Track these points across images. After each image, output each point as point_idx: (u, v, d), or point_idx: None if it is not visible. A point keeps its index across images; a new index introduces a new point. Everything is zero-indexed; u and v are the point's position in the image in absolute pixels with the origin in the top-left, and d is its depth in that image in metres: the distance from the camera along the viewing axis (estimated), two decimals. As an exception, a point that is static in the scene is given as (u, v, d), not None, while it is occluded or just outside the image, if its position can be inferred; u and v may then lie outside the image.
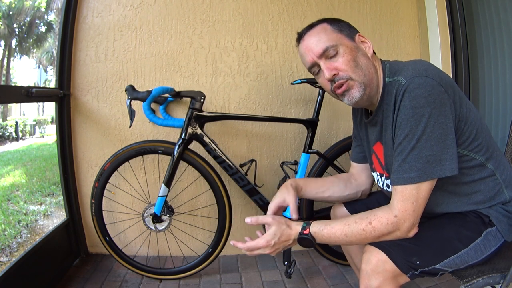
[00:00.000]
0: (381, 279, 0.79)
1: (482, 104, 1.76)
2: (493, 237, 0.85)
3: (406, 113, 0.77)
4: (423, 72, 0.78)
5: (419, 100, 0.76)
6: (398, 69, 0.85)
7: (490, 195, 0.87)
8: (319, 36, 0.88)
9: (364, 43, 0.91)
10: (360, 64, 0.86)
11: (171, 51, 1.76)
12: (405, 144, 0.78)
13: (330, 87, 0.88)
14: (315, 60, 0.88)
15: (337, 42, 0.86)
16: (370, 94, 0.87)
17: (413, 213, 0.78)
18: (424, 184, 0.77)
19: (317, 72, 0.91)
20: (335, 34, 0.87)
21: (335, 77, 0.86)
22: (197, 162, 1.55)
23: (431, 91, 0.75)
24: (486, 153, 0.86)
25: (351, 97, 0.86)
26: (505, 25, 1.59)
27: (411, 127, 0.77)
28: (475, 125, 0.84)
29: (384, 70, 0.89)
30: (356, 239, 0.83)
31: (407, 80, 0.78)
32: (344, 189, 1.09)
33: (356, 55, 0.86)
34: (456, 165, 0.78)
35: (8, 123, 12.40)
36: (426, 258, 0.81)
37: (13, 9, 14.87)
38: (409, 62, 0.86)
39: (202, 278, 1.65)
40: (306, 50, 0.89)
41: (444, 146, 0.76)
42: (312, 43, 0.88)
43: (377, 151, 0.96)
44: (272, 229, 0.87)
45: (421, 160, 0.76)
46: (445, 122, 0.76)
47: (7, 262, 2.33)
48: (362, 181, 1.11)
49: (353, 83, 0.85)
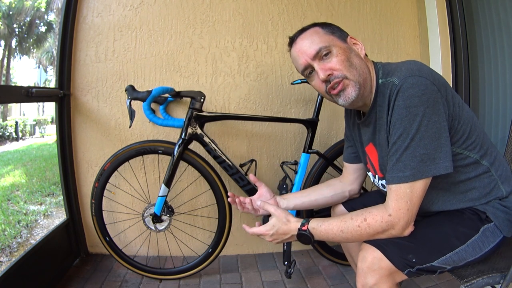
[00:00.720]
0: (377, 277, 0.79)
1: (482, 104, 1.76)
2: (491, 233, 0.85)
3: (400, 112, 0.78)
4: (416, 72, 0.78)
5: (413, 99, 0.76)
6: (391, 70, 0.86)
7: (485, 191, 0.88)
8: (311, 38, 0.88)
9: (356, 45, 0.91)
10: (354, 64, 0.86)
11: (171, 51, 1.76)
12: (399, 143, 0.79)
13: (325, 88, 0.89)
14: (309, 62, 0.88)
15: (329, 43, 0.87)
16: (364, 94, 0.88)
17: (407, 212, 0.79)
18: (418, 183, 0.78)
19: (310, 74, 0.91)
20: (327, 36, 0.88)
21: (330, 77, 0.86)
22: (197, 162, 1.55)
23: (425, 90, 0.76)
24: (481, 150, 0.86)
25: (347, 97, 0.86)
26: (505, 25, 1.59)
27: (405, 126, 0.77)
28: (468, 123, 0.84)
29: (376, 71, 0.89)
30: (352, 235, 0.84)
31: (401, 80, 0.79)
32: (327, 191, 1.13)
33: (349, 56, 0.87)
34: (451, 163, 0.79)
35: (8, 123, 12.40)
36: (422, 256, 0.81)
37: (13, 9, 14.87)
38: (402, 62, 0.86)
39: (202, 278, 1.65)
40: (299, 53, 0.90)
41: (438, 145, 0.77)
42: (305, 46, 0.88)
43: (369, 152, 0.97)
44: (272, 220, 0.94)
45: (416, 159, 0.77)
46: (439, 120, 0.77)
47: (7, 262, 2.33)
48: (348, 181, 1.13)
49: (348, 82, 0.86)
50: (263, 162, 1.85)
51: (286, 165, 1.59)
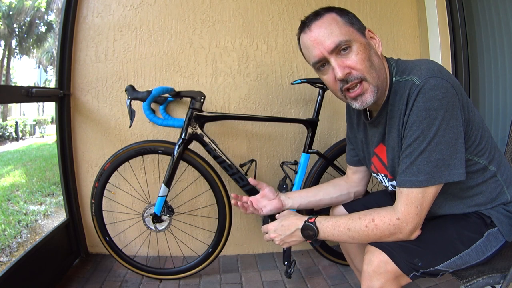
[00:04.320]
0: (383, 280, 0.78)
1: (482, 104, 1.76)
2: (494, 238, 0.85)
3: (419, 114, 0.74)
4: (438, 73, 0.75)
5: (434, 102, 0.73)
6: (407, 68, 0.81)
7: (492, 196, 0.87)
8: (330, 28, 0.79)
9: (373, 39, 0.84)
10: (374, 64, 0.80)
11: (171, 51, 1.76)
12: (415, 146, 0.76)
13: (339, 86, 0.81)
14: (325, 55, 0.79)
15: (350, 37, 0.79)
16: (379, 96, 0.83)
17: (416, 216, 0.77)
18: (430, 188, 0.76)
19: (322, 67, 0.83)
20: (347, 28, 0.80)
21: (348, 76, 0.79)
22: (197, 162, 1.55)
23: (445, 93, 0.73)
24: (489, 155, 0.85)
25: (364, 103, 0.81)
26: (505, 25, 1.59)
27: (422, 129, 0.74)
28: (479, 129, 0.82)
29: (390, 68, 0.84)
30: (358, 235, 0.82)
31: (422, 80, 0.74)
32: (333, 191, 1.10)
33: (369, 54, 0.80)
34: (464, 170, 0.76)
35: (8, 123, 12.40)
36: (428, 259, 0.80)
37: (13, 9, 14.86)
38: (418, 61, 0.82)
39: (202, 278, 1.65)
40: (314, 43, 0.80)
41: (453, 151, 0.75)
42: (323, 36, 0.79)
43: (379, 153, 0.94)
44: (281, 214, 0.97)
45: (430, 164, 0.74)
46: (456, 126, 0.74)
47: (7, 262, 2.33)
48: (354, 183, 1.11)
49: (367, 86, 0.80)
50: (263, 162, 1.85)
51: (286, 165, 1.59)
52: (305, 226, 0.88)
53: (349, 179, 1.12)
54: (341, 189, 1.11)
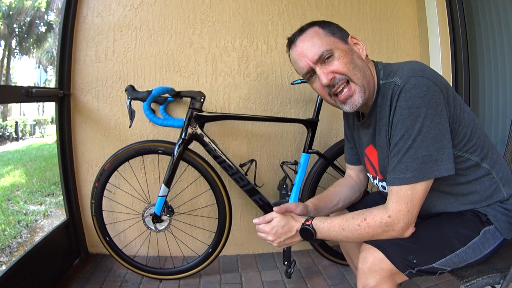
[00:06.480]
0: (378, 278, 0.79)
1: (482, 104, 1.76)
2: (491, 235, 0.85)
3: (402, 113, 0.77)
4: (419, 72, 0.77)
5: (415, 100, 0.75)
6: (392, 70, 0.85)
7: (486, 194, 0.87)
8: (312, 40, 0.85)
9: (357, 45, 0.89)
10: (358, 66, 0.84)
11: (171, 51, 1.76)
12: (401, 144, 0.78)
13: (328, 92, 0.87)
14: (311, 66, 0.86)
15: (331, 46, 0.84)
16: (368, 97, 0.86)
17: (408, 213, 0.78)
18: (419, 185, 0.77)
19: (311, 77, 0.89)
20: (328, 38, 0.86)
21: (332, 81, 0.84)
22: (197, 162, 1.55)
23: (427, 91, 0.75)
24: (481, 153, 0.86)
25: (353, 105, 0.85)
26: (505, 25, 1.59)
27: (407, 127, 0.76)
28: (469, 126, 0.83)
29: (377, 72, 0.88)
30: (352, 234, 0.83)
31: (403, 80, 0.78)
32: (351, 195, 1.10)
33: (352, 58, 0.85)
34: (453, 165, 0.78)
35: (8, 123, 12.39)
36: (423, 257, 0.81)
37: (13, 9, 14.86)
38: (403, 63, 0.85)
39: (202, 278, 1.65)
40: (300, 56, 0.87)
41: (440, 146, 0.76)
42: (306, 49, 0.86)
43: (369, 154, 0.96)
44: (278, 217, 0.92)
45: (417, 161, 0.76)
46: (441, 122, 0.76)
47: (7, 262, 2.33)
48: (361, 182, 1.12)
49: (355, 87, 0.84)
50: (263, 162, 1.85)
51: (286, 165, 1.59)
52: (303, 229, 0.89)
53: (356, 180, 1.12)
54: (355, 191, 1.11)
